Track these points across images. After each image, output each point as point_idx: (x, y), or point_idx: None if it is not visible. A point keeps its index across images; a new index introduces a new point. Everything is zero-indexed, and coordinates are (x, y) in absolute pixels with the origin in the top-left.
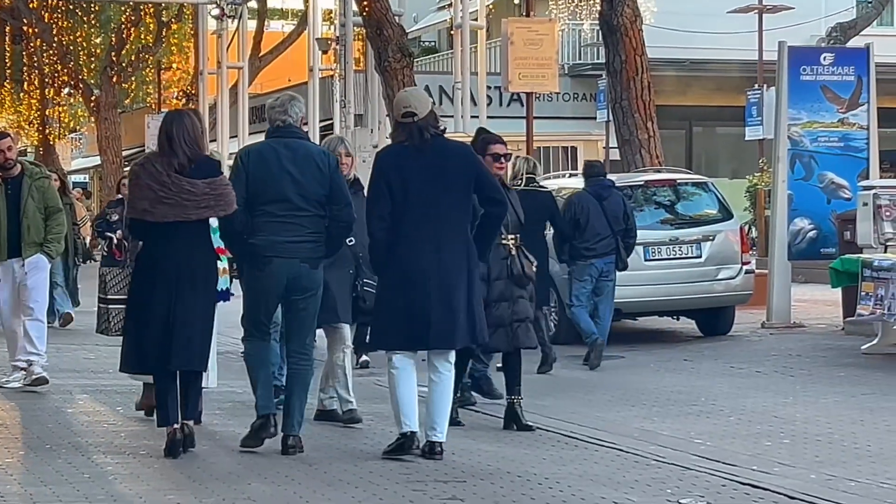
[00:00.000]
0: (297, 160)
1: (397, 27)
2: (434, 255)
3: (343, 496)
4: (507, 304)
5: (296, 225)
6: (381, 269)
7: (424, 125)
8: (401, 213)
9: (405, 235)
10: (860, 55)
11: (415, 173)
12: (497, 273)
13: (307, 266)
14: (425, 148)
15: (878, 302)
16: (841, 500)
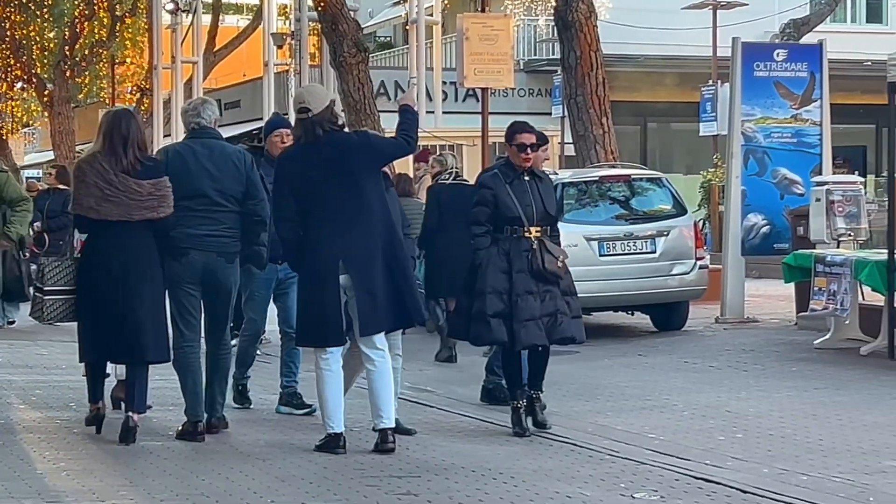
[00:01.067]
0: (214, 158)
1: (352, 22)
2: (344, 245)
3: (297, 491)
4: (533, 297)
5: (212, 220)
6: (297, 268)
7: (318, 121)
8: (308, 210)
9: (314, 232)
10: (813, 51)
11: (316, 170)
12: (519, 266)
13: (223, 260)
14: (321, 144)
15: (830, 297)
16: (793, 494)
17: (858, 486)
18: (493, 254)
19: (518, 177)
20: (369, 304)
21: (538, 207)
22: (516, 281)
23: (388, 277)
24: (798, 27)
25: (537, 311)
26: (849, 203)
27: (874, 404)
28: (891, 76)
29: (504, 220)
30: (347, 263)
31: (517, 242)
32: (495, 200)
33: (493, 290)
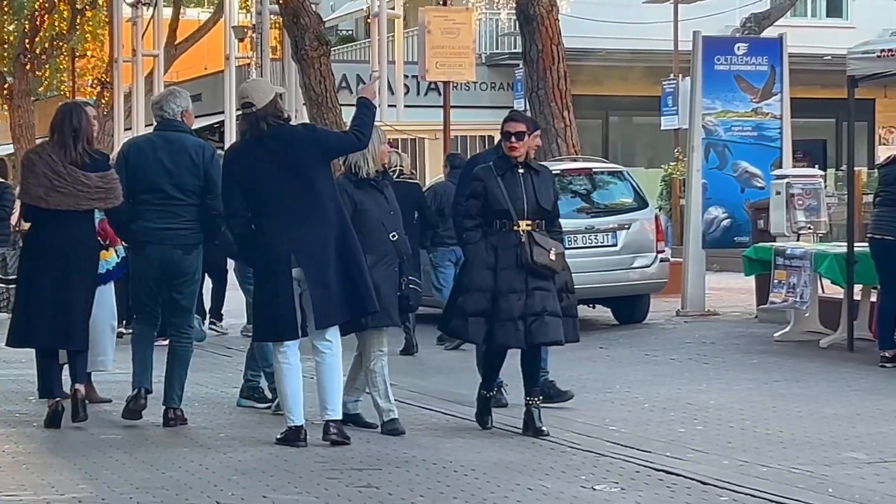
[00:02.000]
0: (172, 152)
1: (314, 15)
2: (297, 239)
3: (257, 484)
4: (516, 296)
5: (170, 213)
6: (251, 264)
7: (262, 115)
8: (258, 206)
9: (266, 227)
10: (773, 45)
11: (262, 165)
12: (506, 262)
13: (180, 252)
14: (266, 138)
15: (790, 290)
16: (753, 486)
17: (818, 478)
18: (481, 249)
19: (511, 169)
20: (323, 297)
21: (530, 201)
22: (500, 278)
23: (341, 270)
24: (759, 21)
25: (518, 311)
26: (809, 196)
27: (833, 396)
28: (850, 70)
29: (494, 214)
30: (299, 257)
31: (506, 237)
32: (485, 193)
33: (477, 288)
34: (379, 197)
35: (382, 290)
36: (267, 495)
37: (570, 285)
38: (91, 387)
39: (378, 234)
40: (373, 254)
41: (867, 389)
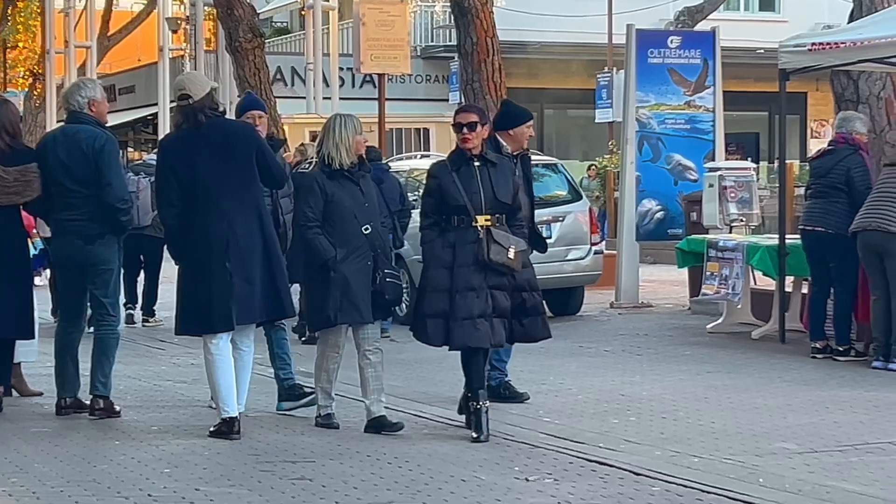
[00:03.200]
0: (68, 145)
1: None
2: (228, 234)
3: (190, 477)
4: (474, 294)
5: (70, 205)
6: (179, 255)
7: (199, 108)
8: (190, 196)
9: (198, 218)
10: (706, 39)
11: (198, 156)
12: (463, 259)
13: (81, 242)
14: (203, 130)
15: (722, 282)
16: (685, 476)
17: (749, 468)
18: (437, 247)
19: (466, 163)
20: (248, 294)
21: (487, 195)
22: (457, 276)
23: (265, 268)
24: (692, 15)
25: (477, 309)
26: (741, 189)
27: (764, 387)
28: (782, 63)
29: (451, 210)
30: (230, 250)
31: (463, 233)
32: (440, 189)
33: (434, 288)
34: (353, 188)
35: (352, 285)
36: (200, 488)
37: (533, 283)
38: (22, 379)
39: (350, 227)
40: (344, 247)
41: (798, 380)
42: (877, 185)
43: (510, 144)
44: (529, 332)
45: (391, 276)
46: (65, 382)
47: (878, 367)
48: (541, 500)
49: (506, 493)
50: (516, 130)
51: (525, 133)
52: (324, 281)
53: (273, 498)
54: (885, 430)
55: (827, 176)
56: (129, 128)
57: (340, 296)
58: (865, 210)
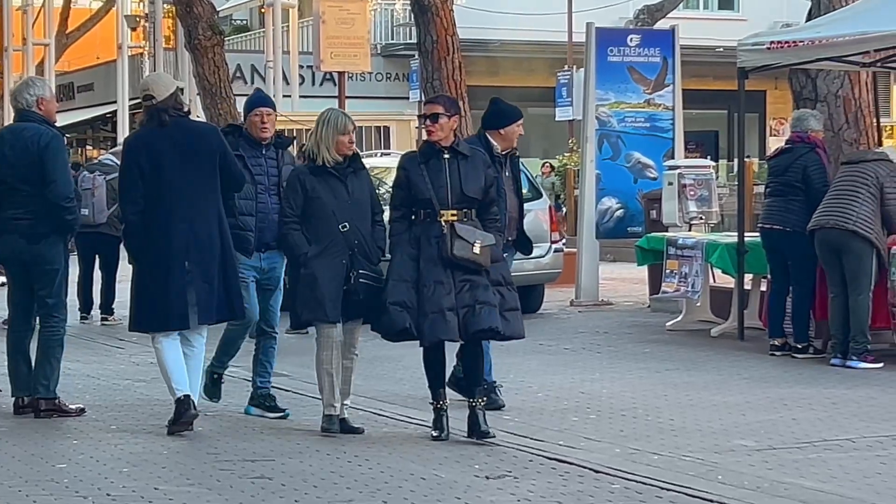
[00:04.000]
0: (14, 143)
1: (207, 5)
2: (189, 234)
3: (149, 476)
4: (443, 288)
5: (15, 203)
6: (137, 252)
7: (163, 108)
8: (153, 194)
9: (159, 216)
10: (666, 37)
11: (163, 155)
12: (428, 254)
13: (24, 241)
14: (167, 130)
15: (682, 279)
16: (644, 474)
17: (708, 465)
18: (404, 240)
19: (436, 155)
20: (207, 294)
21: (454, 189)
22: (424, 269)
23: (221, 269)
24: (652, 13)
25: (447, 302)
26: (700, 187)
27: (723, 384)
28: (741, 62)
29: (417, 204)
30: (191, 250)
31: (428, 227)
32: (408, 182)
33: (399, 278)
34: (336, 185)
35: (320, 282)
36: (159, 487)
37: (507, 278)
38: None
39: (326, 224)
40: (317, 244)
41: (757, 378)
42: (834, 183)
43: (500, 143)
44: (508, 330)
45: (368, 276)
46: (18, 382)
47: (837, 364)
48: (501, 498)
49: (465, 491)
50: (507, 129)
51: (516, 132)
52: (296, 278)
53: (232, 497)
54: (843, 426)
55: (784, 174)
56: (88, 126)
57: (308, 292)
58: (823, 208)
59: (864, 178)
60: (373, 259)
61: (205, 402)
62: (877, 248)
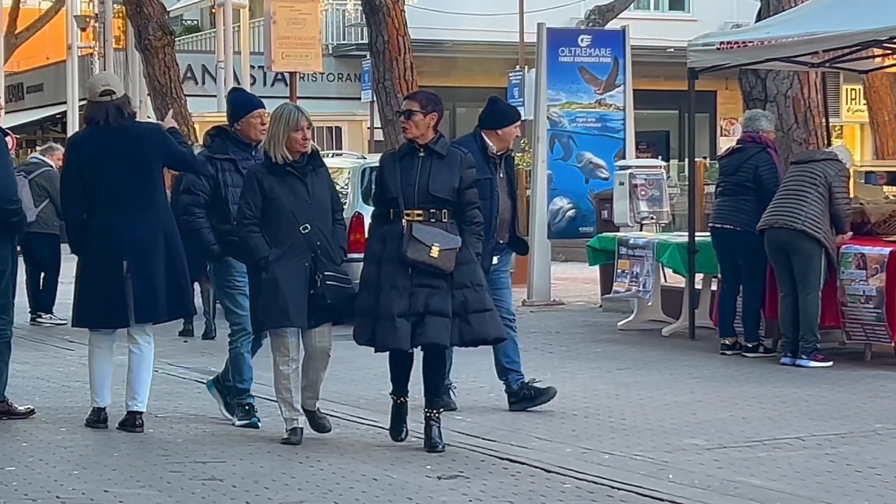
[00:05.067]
0: None
1: (158, 5)
2: (130, 232)
3: (99, 478)
4: (397, 293)
5: None
6: (79, 250)
7: (122, 104)
8: (96, 193)
9: (100, 215)
10: (616, 37)
11: (109, 154)
12: (390, 254)
13: None
14: (120, 128)
15: (633, 279)
16: (595, 473)
17: (658, 464)
18: (374, 241)
19: (411, 153)
20: (145, 292)
21: (420, 188)
22: (383, 272)
23: (167, 267)
24: (603, 14)
25: (398, 308)
26: (651, 187)
27: (674, 384)
28: (691, 62)
29: (386, 202)
30: (130, 248)
31: (393, 227)
32: (381, 180)
33: (364, 283)
34: (296, 185)
35: (282, 286)
36: (109, 489)
37: (475, 280)
38: None
39: (287, 226)
40: (278, 246)
41: (708, 377)
42: (784, 182)
43: (496, 144)
44: (479, 332)
45: (334, 278)
46: None
47: (787, 363)
48: (452, 499)
49: (417, 492)
50: (504, 130)
51: (513, 133)
52: (256, 282)
53: (183, 499)
54: (793, 425)
55: (735, 174)
56: (38, 126)
57: (269, 298)
58: (773, 207)
59: (812, 177)
60: (336, 260)
61: (153, 403)
62: (825, 248)
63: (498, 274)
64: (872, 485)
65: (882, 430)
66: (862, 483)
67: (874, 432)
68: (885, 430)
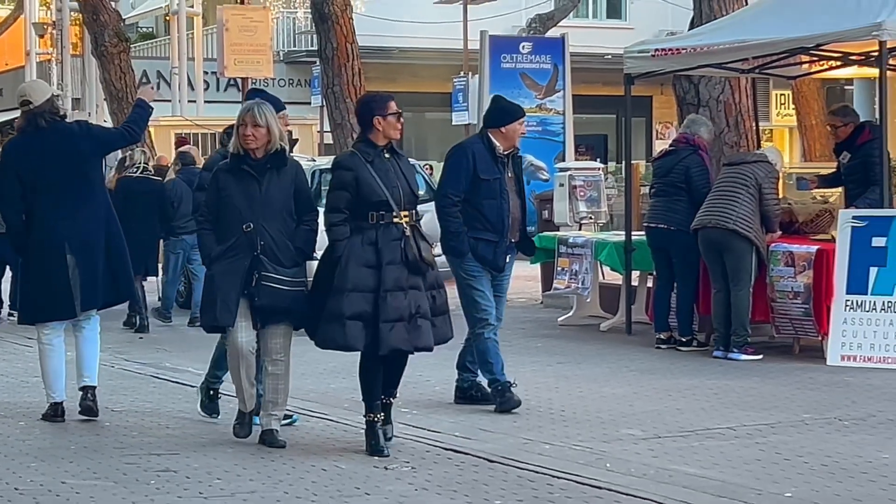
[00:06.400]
0: None
1: (113, 12)
2: (71, 226)
3: (56, 470)
4: (403, 294)
5: None
6: (22, 249)
7: (39, 112)
8: (34, 194)
9: (42, 213)
10: (556, 45)
11: (42, 156)
12: (390, 257)
13: None
14: (45, 133)
15: (572, 276)
16: (536, 462)
17: (596, 453)
18: (356, 245)
19: (379, 154)
20: (90, 282)
21: (405, 189)
22: (386, 275)
23: (106, 258)
24: (543, 22)
25: (406, 310)
26: (590, 188)
27: (612, 377)
28: (627, 68)
29: (369, 206)
30: (72, 244)
31: (386, 230)
32: (356, 183)
33: (355, 288)
34: (250, 183)
35: (217, 284)
36: (66, 481)
37: (440, 281)
38: None
39: (231, 223)
40: (223, 243)
41: (643, 370)
42: (716, 184)
43: (502, 143)
44: (442, 334)
45: (272, 279)
46: None
47: (719, 356)
48: (399, 488)
49: (365, 482)
50: (508, 128)
51: (518, 130)
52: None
53: (138, 490)
54: (725, 416)
55: (668, 175)
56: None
57: (206, 295)
58: (706, 208)
59: (743, 179)
60: (283, 262)
61: (108, 398)
62: (756, 246)
63: (501, 280)
64: (800, 472)
65: (809, 420)
66: (790, 471)
67: (802, 422)
68: (812, 420)
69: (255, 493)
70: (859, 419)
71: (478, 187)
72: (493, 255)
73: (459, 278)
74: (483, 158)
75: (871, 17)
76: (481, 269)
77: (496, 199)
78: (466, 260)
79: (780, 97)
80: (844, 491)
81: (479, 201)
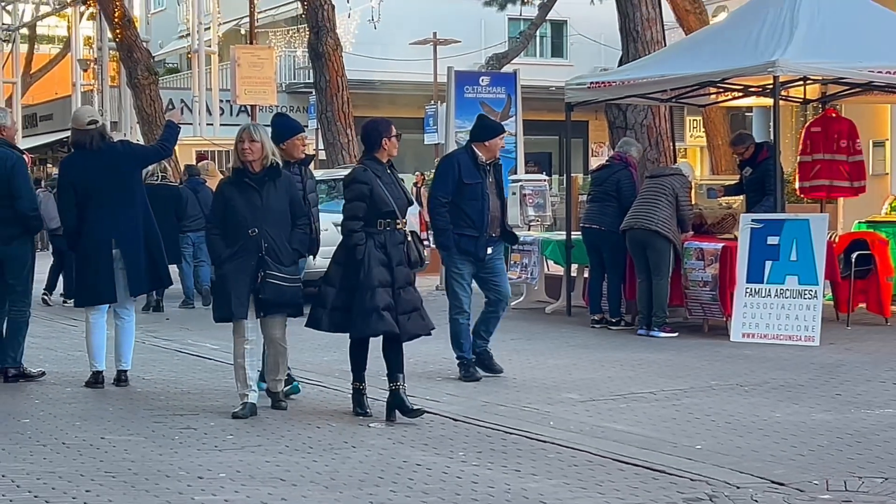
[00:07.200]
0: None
1: (145, 51)
2: (115, 228)
3: (97, 428)
4: (412, 289)
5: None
6: (76, 247)
7: (103, 131)
8: (86, 201)
9: (93, 217)
10: (510, 79)
11: (95, 170)
12: (398, 258)
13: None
14: (101, 149)
15: (523, 268)
16: (493, 421)
17: (542, 413)
18: (372, 248)
19: (383, 170)
20: (135, 272)
21: (403, 200)
22: (397, 274)
23: (146, 252)
24: (499, 59)
25: (413, 302)
26: (537, 196)
27: (555, 350)
28: (567, 98)
29: (378, 214)
30: (119, 240)
31: (391, 235)
32: (371, 195)
33: (380, 284)
34: (252, 194)
35: (229, 282)
36: (105, 437)
37: (412, 279)
38: None
39: (238, 229)
40: (231, 246)
41: (581, 345)
42: (641, 193)
43: (484, 154)
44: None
45: (275, 276)
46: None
47: (642, 334)
48: (380, 442)
49: (351, 437)
50: (491, 142)
51: (498, 144)
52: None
53: (164, 444)
54: (646, 382)
55: (602, 185)
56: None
57: (219, 291)
58: (632, 213)
59: (663, 189)
60: (283, 261)
61: (140, 368)
62: (673, 244)
63: (494, 262)
64: (708, 429)
65: (716, 386)
66: (700, 427)
67: (710, 388)
68: (718, 385)
69: (260, 447)
70: (756, 385)
71: (462, 191)
72: (474, 248)
73: (447, 270)
74: (467, 166)
75: (766, 55)
76: (466, 264)
77: (478, 200)
78: (454, 255)
79: (693, 122)
80: (744, 444)
81: (464, 202)
